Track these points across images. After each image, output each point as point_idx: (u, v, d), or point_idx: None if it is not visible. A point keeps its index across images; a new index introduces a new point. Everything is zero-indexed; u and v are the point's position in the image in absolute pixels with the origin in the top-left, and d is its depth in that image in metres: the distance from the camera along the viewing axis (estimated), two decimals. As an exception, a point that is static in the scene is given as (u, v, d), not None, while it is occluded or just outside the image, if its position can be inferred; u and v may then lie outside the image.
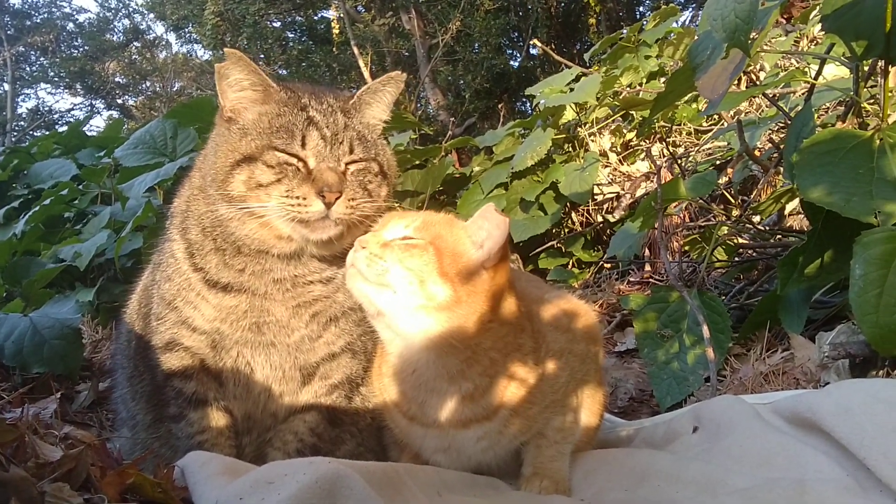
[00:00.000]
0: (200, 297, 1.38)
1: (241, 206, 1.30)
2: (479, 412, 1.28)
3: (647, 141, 4.04)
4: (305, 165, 1.31)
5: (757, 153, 3.05)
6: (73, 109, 22.59)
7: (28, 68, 21.81)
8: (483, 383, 1.27)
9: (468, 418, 1.29)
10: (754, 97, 3.65)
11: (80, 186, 4.06)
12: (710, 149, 3.84)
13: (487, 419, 1.29)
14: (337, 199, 1.29)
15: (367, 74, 11.28)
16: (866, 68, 1.91)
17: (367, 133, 1.41)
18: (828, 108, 3.07)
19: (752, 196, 3.05)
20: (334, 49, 14.49)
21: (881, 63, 1.70)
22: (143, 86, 23.77)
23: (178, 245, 1.44)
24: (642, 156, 3.98)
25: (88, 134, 6.26)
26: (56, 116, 21.66)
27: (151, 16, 22.81)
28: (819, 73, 2.16)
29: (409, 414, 1.33)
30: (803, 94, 2.58)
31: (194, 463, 1.17)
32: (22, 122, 19.34)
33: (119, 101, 23.20)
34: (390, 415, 1.39)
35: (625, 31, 4.41)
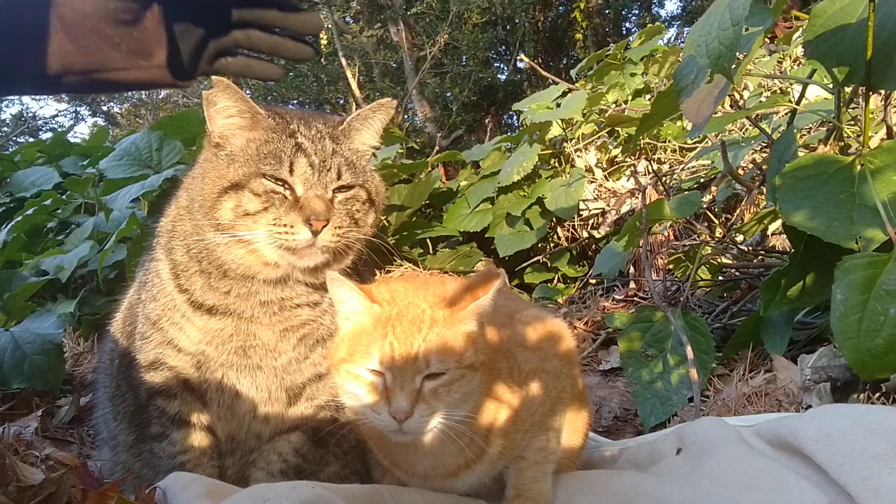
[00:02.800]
0: (185, 318, 1.37)
1: (229, 233, 1.29)
2: (470, 458, 1.27)
3: (633, 157, 4.07)
4: (293, 192, 1.31)
5: (740, 172, 3.08)
6: (57, 116, 22.40)
7: (12, 74, 21.57)
8: (474, 427, 1.24)
9: (459, 467, 1.27)
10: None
11: (64, 196, 4.03)
12: (694, 167, 3.88)
13: (477, 462, 1.28)
14: (324, 227, 1.29)
15: (354, 86, 11.31)
16: (848, 92, 1.94)
17: (356, 160, 1.41)
18: (810, 128, 3.11)
19: (735, 215, 3.08)
20: (322, 60, 14.50)
21: (862, 89, 1.72)
22: (129, 93, 23.63)
23: (163, 265, 1.43)
24: (628, 172, 4.01)
25: (73, 141, 6.22)
26: (40, 123, 21.45)
27: (138, 23, 22.66)
28: (801, 96, 2.19)
29: (394, 462, 1.32)
30: (787, 114, 2.62)
31: (176, 485, 1.16)
32: (5, 129, 19.15)
33: (104, 108, 23.04)
34: (372, 453, 1.37)
35: (611, 48, 4.45)
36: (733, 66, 1.49)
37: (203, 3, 1.26)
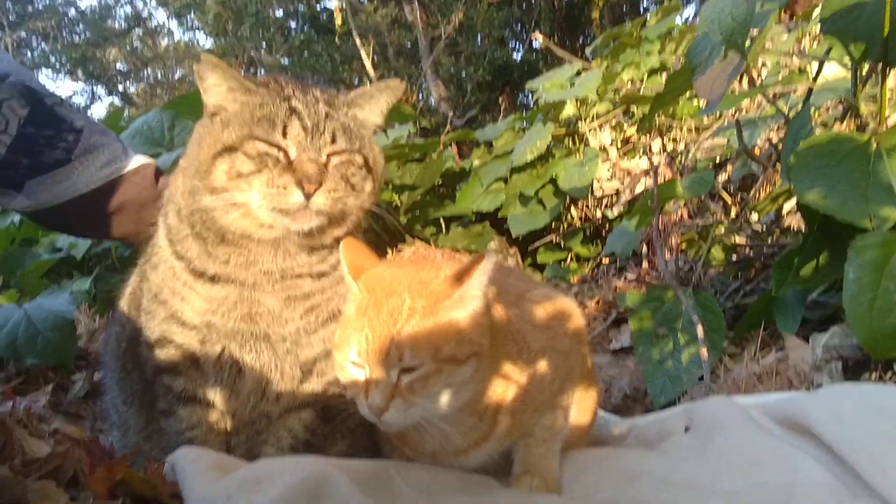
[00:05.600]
0: (188, 287, 1.37)
1: (224, 196, 1.29)
2: (478, 437, 1.27)
3: (648, 137, 4.04)
4: (286, 155, 1.29)
5: (756, 151, 3.04)
6: (74, 96, 22.52)
7: (29, 54, 21.73)
8: (481, 410, 1.25)
9: (468, 445, 1.27)
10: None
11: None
12: (709, 145, 3.84)
13: (485, 440, 1.28)
14: (316, 189, 1.27)
15: (368, 65, 11.27)
16: (865, 70, 1.90)
17: (353, 126, 1.38)
18: (828, 107, 3.06)
19: (750, 194, 3.05)
20: (336, 39, 14.46)
21: (879, 66, 1.69)
22: (145, 73, 23.69)
23: (161, 232, 1.44)
24: (643, 151, 3.98)
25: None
26: (57, 103, 21.50)
27: (153, 3, 22.77)
28: (818, 74, 2.15)
29: (403, 441, 1.32)
30: (803, 92, 2.57)
31: (184, 458, 1.17)
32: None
33: (120, 88, 23.16)
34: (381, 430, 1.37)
35: (627, 26, 4.40)
36: (747, 42, 1.47)
37: None
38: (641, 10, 14.22)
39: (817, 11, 3.83)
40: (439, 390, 1.12)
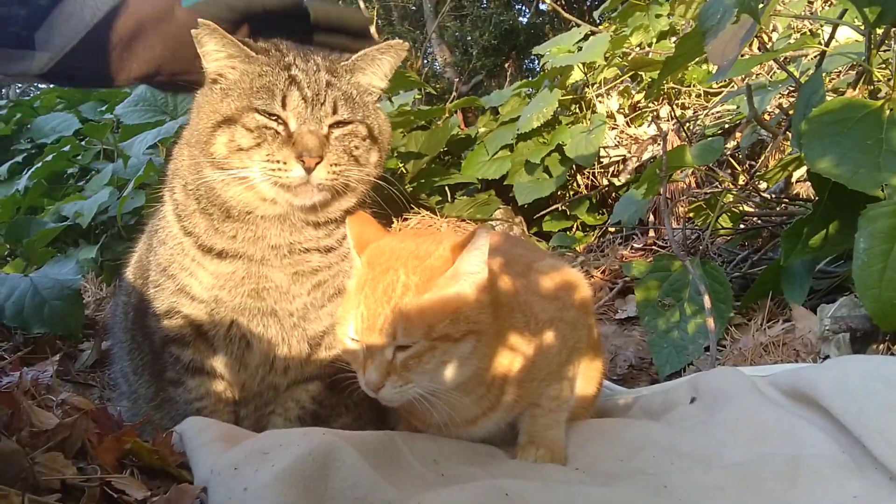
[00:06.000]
0: (196, 262, 1.36)
1: (225, 169, 1.27)
2: (486, 406, 1.28)
3: (656, 103, 3.98)
4: (286, 127, 1.26)
5: (766, 117, 3.00)
6: (77, 61, 22.32)
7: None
8: (488, 381, 1.25)
9: (475, 416, 1.28)
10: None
11: (83, 142, 4.03)
12: (719, 112, 3.79)
13: (493, 410, 1.28)
14: (317, 163, 1.24)
15: (373, 29, 11.11)
16: (879, 34, 1.86)
17: (356, 95, 1.35)
18: (840, 72, 3.00)
19: (759, 162, 3.02)
20: (340, 2, 14.25)
21: (894, 30, 1.65)
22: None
23: (168, 207, 1.42)
24: (650, 118, 3.93)
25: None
26: (61, 68, 21.39)
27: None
28: (831, 38, 2.11)
29: (411, 412, 1.32)
30: (815, 57, 2.52)
31: (192, 429, 1.17)
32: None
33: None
34: None
35: (637, -12, 4.30)
36: (760, 5, 1.43)
37: (287, 28, 1.45)
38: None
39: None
40: (435, 367, 1.13)
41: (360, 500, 0.91)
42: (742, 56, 1.99)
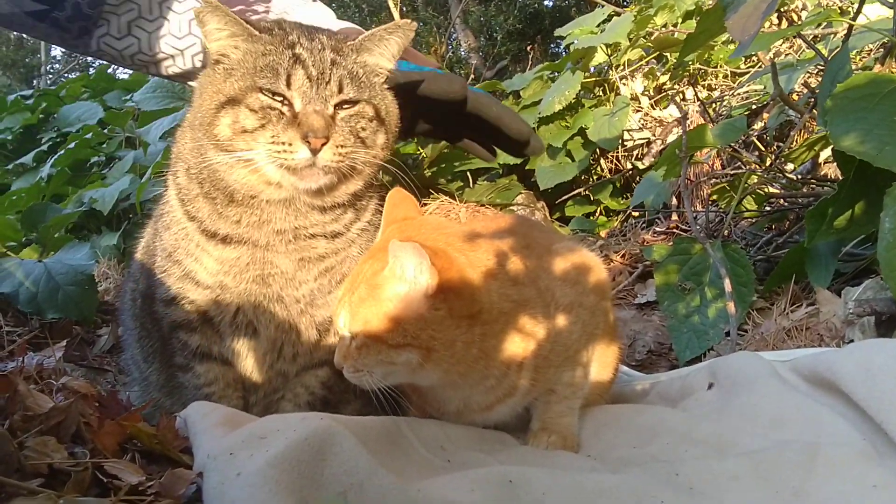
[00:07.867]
0: (200, 248, 1.34)
1: (229, 152, 1.24)
2: (502, 393, 1.25)
3: (682, 84, 3.90)
4: (291, 108, 1.24)
5: (794, 97, 2.91)
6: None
7: (61, 11, 21.75)
8: (497, 373, 1.22)
9: (491, 402, 1.26)
10: (790, 37, 3.48)
11: (106, 130, 4.07)
12: (746, 92, 3.69)
13: (510, 396, 1.26)
14: (323, 145, 1.21)
15: (396, 15, 11.04)
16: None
17: (362, 73, 1.32)
18: (870, 49, 2.91)
19: (786, 143, 2.93)
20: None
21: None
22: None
23: (171, 192, 1.41)
24: (675, 100, 3.84)
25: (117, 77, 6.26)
26: (89, 59, 21.68)
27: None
28: (858, 12, 2.03)
29: (426, 401, 1.31)
30: (843, 33, 2.44)
31: (196, 413, 1.16)
32: (56, 65, 19.40)
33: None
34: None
35: (662, -34, 4.20)
36: (781, -24, 1.37)
37: (448, 122, 1.69)
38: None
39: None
40: (376, 365, 1.13)
41: (356, 486, 0.89)
42: (764, 30, 1.92)
